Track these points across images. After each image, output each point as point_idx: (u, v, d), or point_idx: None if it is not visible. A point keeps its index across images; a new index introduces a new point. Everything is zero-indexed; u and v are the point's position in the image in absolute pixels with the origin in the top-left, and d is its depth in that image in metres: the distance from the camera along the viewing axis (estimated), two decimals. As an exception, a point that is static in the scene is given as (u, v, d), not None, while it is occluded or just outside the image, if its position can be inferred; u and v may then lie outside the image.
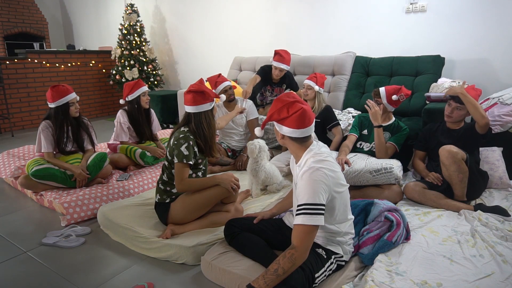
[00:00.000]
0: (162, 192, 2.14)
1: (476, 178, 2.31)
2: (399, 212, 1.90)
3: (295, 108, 1.50)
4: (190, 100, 2.07)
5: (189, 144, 2.02)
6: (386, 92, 2.62)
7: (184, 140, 2.02)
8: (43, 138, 2.72)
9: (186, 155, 2.01)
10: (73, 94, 2.77)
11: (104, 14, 6.80)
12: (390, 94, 2.60)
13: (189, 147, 2.02)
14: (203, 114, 2.09)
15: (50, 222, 2.44)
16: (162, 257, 1.96)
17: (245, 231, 1.81)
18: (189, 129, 2.09)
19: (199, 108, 2.07)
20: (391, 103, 2.63)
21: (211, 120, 2.14)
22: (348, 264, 1.70)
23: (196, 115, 2.09)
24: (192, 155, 2.04)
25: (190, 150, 2.02)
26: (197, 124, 2.09)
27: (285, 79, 3.73)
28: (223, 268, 1.70)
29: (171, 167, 2.11)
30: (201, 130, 2.09)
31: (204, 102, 2.07)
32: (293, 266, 1.41)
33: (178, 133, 2.06)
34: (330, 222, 1.56)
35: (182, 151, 2.00)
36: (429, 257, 1.73)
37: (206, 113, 2.11)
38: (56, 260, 1.99)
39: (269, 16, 4.76)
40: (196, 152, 2.08)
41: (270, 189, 2.68)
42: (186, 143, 2.01)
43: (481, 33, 3.38)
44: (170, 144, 2.08)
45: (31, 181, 2.68)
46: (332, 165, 1.50)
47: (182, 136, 2.03)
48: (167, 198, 2.13)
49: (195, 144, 2.07)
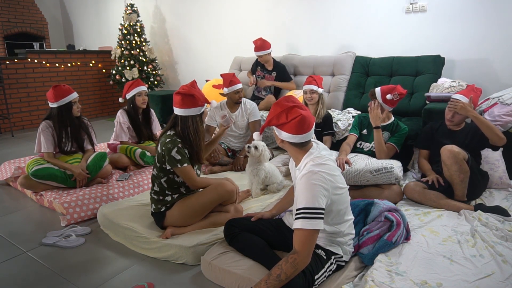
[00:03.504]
0: (156, 201, 2.10)
1: (476, 178, 2.31)
2: (399, 212, 1.90)
3: (294, 114, 1.49)
4: (179, 102, 1.99)
5: (178, 148, 1.96)
6: (381, 92, 2.62)
7: (172, 144, 1.96)
8: (43, 138, 2.72)
9: (179, 160, 1.96)
10: (75, 93, 2.78)
11: (104, 14, 6.80)
12: (385, 93, 2.60)
13: (179, 151, 1.96)
14: (190, 119, 2.01)
15: (50, 222, 2.44)
16: (162, 257, 1.96)
17: (245, 231, 1.81)
18: (175, 133, 2.02)
19: (187, 111, 1.99)
20: (387, 103, 2.63)
21: (199, 125, 2.05)
22: (348, 264, 1.70)
23: (183, 118, 2.01)
24: (185, 157, 1.99)
25: (181, 152, 1.97)
26: (183, 128, 2.01)
27: (277, 68, 4.05)
28: (223, 268, 1.70)
29: (161, 176, 2.04)
30: (187, 134, 2.01)
31: (193, 106, 1.99)
32: (295, 271, 1.40)
33: (165, 138, 1.99)
34: (330, 223, 1.56)
35: (173, 156, 1.95)
36: (429, 257, 1.73)
37: (194, 118, 2.02)
38: (56, 260, 1.99)
39: (269, 16, 4.76)
40: (187, 155, 2.02)
41: (270, 188, 2.68)
42: (175, 147, 1.95)
43: (481, 33, 3.38)
44: (158, 150, 2.02)
45: (31, 181, 2.68)
46: (331, 169, 1.50)
47: (169, 141, 1.96)
48: (162, 207, 2.09)
49: (184, 147, 2.01)
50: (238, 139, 3.37)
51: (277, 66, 4.07)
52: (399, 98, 2.60)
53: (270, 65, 4.08)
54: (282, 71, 4.05)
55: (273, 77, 4.06)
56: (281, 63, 4.15)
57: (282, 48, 4.67)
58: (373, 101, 2.67)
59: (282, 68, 4.08)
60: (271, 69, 4.08)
